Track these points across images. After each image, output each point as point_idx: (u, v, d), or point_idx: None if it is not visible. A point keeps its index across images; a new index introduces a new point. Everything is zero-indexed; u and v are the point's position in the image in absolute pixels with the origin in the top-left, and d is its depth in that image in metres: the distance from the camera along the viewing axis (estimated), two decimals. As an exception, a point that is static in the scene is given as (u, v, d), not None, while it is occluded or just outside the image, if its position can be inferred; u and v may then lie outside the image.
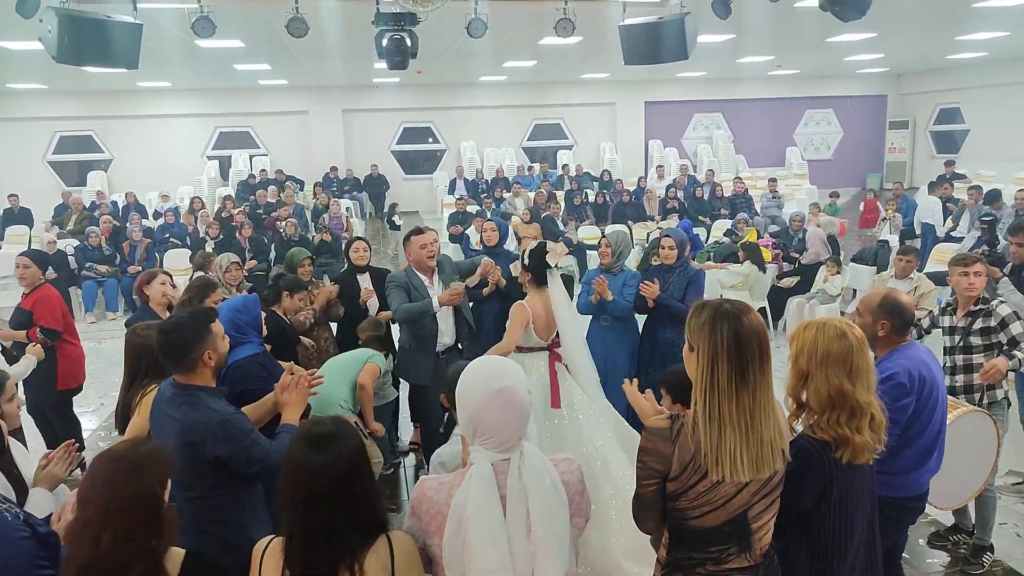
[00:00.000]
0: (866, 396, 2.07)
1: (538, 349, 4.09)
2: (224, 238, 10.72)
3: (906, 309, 2.82)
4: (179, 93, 17.20)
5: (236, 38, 10.10)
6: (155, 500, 1.68)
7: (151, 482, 1.69)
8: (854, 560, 2.17)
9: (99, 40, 5.52)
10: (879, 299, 2.87)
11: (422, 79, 16.34)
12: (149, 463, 1.72)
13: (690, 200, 13.77)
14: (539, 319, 4.03)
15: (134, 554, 1.63)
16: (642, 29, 6.80)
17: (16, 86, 15.44)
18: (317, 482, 1.68)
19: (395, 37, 6.95)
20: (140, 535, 1.64)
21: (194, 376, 2.52)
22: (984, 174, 14.98)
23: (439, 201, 16.75)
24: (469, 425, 1.80)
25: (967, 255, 3.96)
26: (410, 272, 4.56)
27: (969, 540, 4.02)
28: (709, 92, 19.71)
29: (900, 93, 21.07)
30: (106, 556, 1.61)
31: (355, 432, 1.81)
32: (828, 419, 2.07)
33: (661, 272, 4.86)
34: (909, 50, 15.18)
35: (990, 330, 3.77)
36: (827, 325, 2.13)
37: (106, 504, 1.63)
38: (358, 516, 1.71)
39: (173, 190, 15.84)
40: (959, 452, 2.80)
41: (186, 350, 2.48)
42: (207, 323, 2.55)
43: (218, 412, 2.47)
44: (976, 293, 3.82)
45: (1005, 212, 9.13)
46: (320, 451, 1.71)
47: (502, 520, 1.72)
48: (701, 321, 1.90)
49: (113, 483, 1.65)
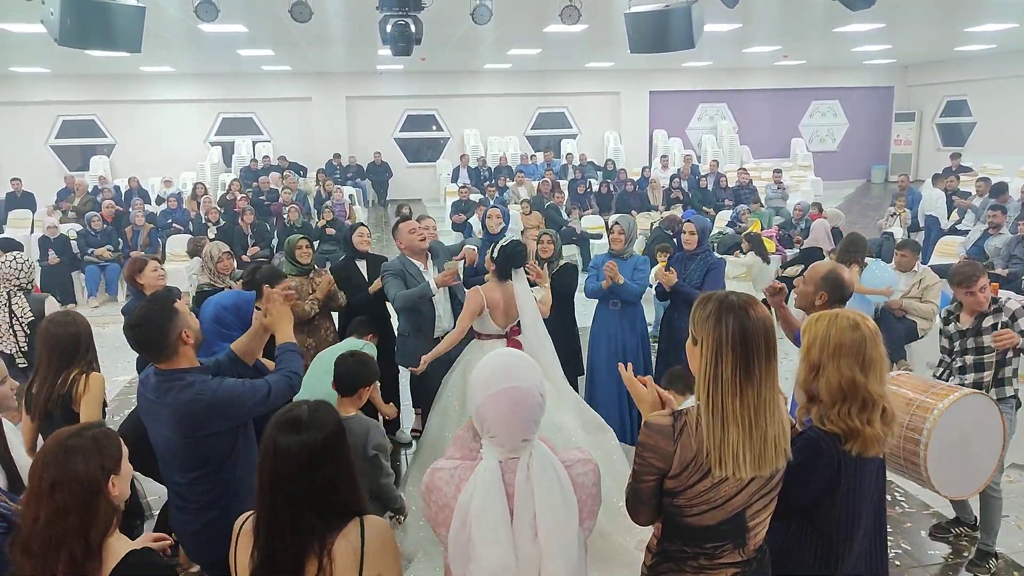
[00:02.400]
0: (878, 388, 2.04)
1: (496, 336, 4.18)
2: (227, 224, 10.70)
3: (846, 285, 3.10)
4: (182, 78, 17.15)
5: (239, 23, 10.04)
6: (90, 484, 1.69)
7: (87, 467, 1.69)
8: (859, 553, 2.16)
9: (102, 23, 5.48)
10: (824, 271, 3.14)
11: (426, 66, 16.26)
12: (89, 448, 1.72)
13: (694, 190, 13.73)
14: (496, 307, 4.12)
15: (65, 534, 1.65)
16: (649, 17, 6.73)
17: (19, 69, 15.39)
18: (282, 466, 1.70)
19: (399, 23, 6.89)
20: (71, 517, 1.66)
21: (176, 359, 2.48)
22: (990, 167, 14.91)
23: (442, 189, 16.72)
24: (477, 419, 1.77)
25: (964, 273, 3.70)
26: (404, 259, 4.55)
27: (972, 533, 4.01)
28: (714, 82, 19.61)
29: (907, 85, 20.94)
30: (40, 531, 1.65)
31: (331, 419, 1.80)
32: (839, 411, 2.04)
33: (682, 259, 4.87)
34: (917, 41, 15.08)
35: (1005, 327, 3.63)
36: (839, 316, 2.10)
37: (41, 482, 1.68)
38: (325, 501, 1.72)
39: (176, 176, 15.81)
40: (963, 437, 2.77)
41: (162, 336, 2.44)
42: (171, 304, 2.51)
43: (207, 389, 2.45)
44: (986, 306, 3.68)
45: (1011, 205, 9.09)
46: (289, 434, 1.73)
47: (507, 520, 1.68)
48: (706, 313, 1.84)
49: (51, 462, 1.69)
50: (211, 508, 2.52)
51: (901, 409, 2.81)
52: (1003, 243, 7.85)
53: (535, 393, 1.75)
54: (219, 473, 2.52)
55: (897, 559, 3.84)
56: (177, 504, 2.61)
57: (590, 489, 1.79)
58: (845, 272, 3.15)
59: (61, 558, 1.65)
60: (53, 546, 1.65)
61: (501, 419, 1.71)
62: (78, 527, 1.67)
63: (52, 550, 1.65)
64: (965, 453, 2.82)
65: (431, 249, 4.61)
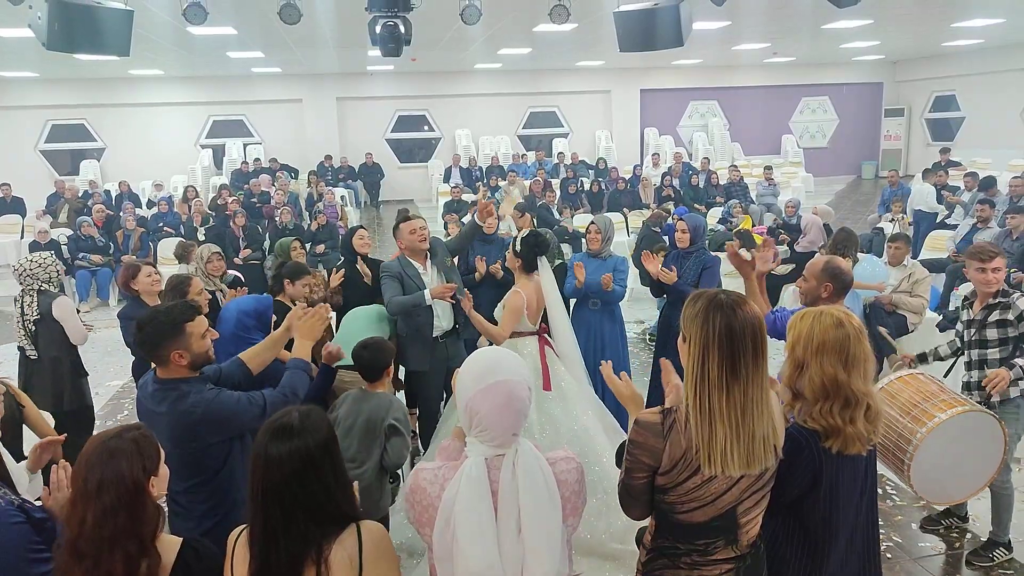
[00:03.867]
0: (862, 385, 2.05)
1: (528, 334, 4.16)
2: (217, 226, 10.67)
3: (846, 273, 3.15)
4: (172, 81, 17.08)
5: (229, 25, 10.00)
6: (134, 484, 1.71)
7: (129, 467, 1.71)
8: (847, 550, 2.16)
9: (90, 27, 5.47)
10: (822, 264, 3.18)
11: (417, 67, 16.25)
12: (130, 450, 1.74)
13: (685, 188, 13.76)
14: (531, 304, 4.12)
15: (116, 534, 1.67)
16: (637, 16, 6.76)
17: (7, 74, 15.31)
18: (273, 474, 1.69)
19: (388, 23, 6.90)
20: (120, 517, 1.67)
21: (170, 370, 2.50)
22: (979, 161, 14.99)
23: (434, 189, 16.72)
24: (465, 416, 1.78)
25: (985, 248, 3.66)
26: (403, 261, 4.53)
27: (962, 525, 4.04)
28: (705, 79, 19.66)
29: (896, 80, 21.04)
30: (90, 533, 1.66)
31: (322, 425, 1.80)
32: (820, 408, 2.05)
33: (677, 257, 4.88)
34: (905, 37, 15.15)
35: (1007, 323, 3.56)
36: (824, 314, 2.11)
37: (87, 484, 1.69)
38: (318, 508, 1.71)
39: (167, 179, 15.76)
40: (955, 450, 2.79)
41: (155, 347, 2.47)
42: (182, 322, 2.50)
43: (201, 401, 2.46)
44: (994, 289, 3.61)
45: (1000, 199, 9.15)
46: (279, 442, 1.72)
47: (492, 517, 1.68)
48: (695, 311, 1.85)
49: (95, 464, 1.71)
50: (208, 516, 2.53)
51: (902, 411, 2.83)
52: (991, 237, 7.89)
53: (524, 387, 1.77)
54: (215, 481, 2.53)
55: (888, 552, 3.87)
56: (175, 511, 2.62)
57: (573, 486, 1.80)
58: (842, 261, 3.19)
59: (116, 557, 1.66)
60: (106, 546, 1.66)
61: (492, 412, 1.72)
62: (129, 526, 1.68)
63: (105, 550, 1.66)
64: (954, 466, 2.82)
65: (430, 248, 4.63)
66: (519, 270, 4.22)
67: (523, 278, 4.20)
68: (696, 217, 5.11)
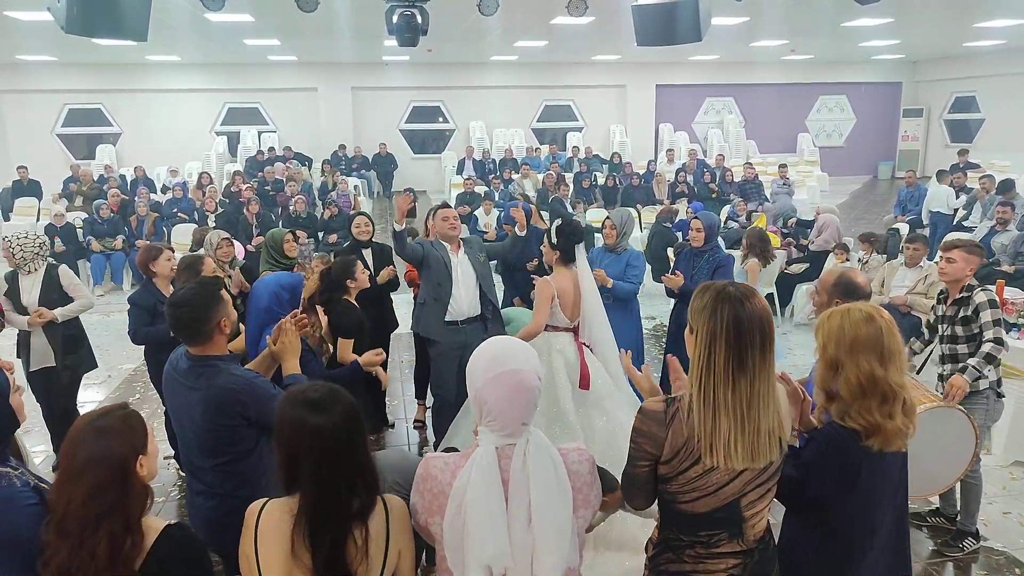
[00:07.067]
0: (899, 378, 2.01)
1: (563, 329, 3.96)
2: (229, 213, 10.71)
3: (860, 287, 3.01)
4: (188, 68, 17.15)
5: (246, 12, 10.03)
6: (121, 462, 1.72)
7: (117, 446, 1.72)
8: (880, 552, 2.13)
9: (108, 11, 5.47)
10: (834, 278, 3.08)
11: (432, 58, 16.23)
12: (119, 428, 1.75)
13: (699, 185, 13.69)
14: (566, 296, 3.90)
15: (101, 512, 1.67)
16: (656, 9, 6.71)
17: (25, 58, 15.40)
18: (326, 444, 1.70)
19: (406, 13, 6.89)
20: (108, 494, 1.68)
21: (210, 346, 2.52)
22: (998, 163, 14.83)
23: (447, 181, 16.71)
24: (475, 404, 1.78)
25: (952, 240, 3.82)
26: (436, 242, 4.71)
27: (947, 525, 4.03)
28: (721, 76, 19.53)
29: (915, 80, 20.83)
30: (77, 510, 1.67)
31: (347, 395, 1.81)
32: (859, 407, 2.00)
33: (689, 255, 4.82)
34: (926, 36, 14.99)
35: (969, 319, 3.66)
36: (852, 311, 2.06)
37: (74, 462, 1.71)
38: (361, 478, 1.74)
39: (182, 165, 15.83)
40: (924, 445, 2.77)
41: (203, 321, 2.49)
42: (217, 291, 2.56)
43: (242, 376, 2.50)
44: (947, 278, 3.74)
45: (1019, 202, 9.03)
46: (321, 413, 1.72)
47: (502, 507, 1.68)
48: (702, 303, 1.82)
49: (82, 442, 1.72)
50: (231, 496, 2.52)
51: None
52: (1010, 240, 7.81)
53: (534, 376, 1.76)
54: (245, 462, 2.54)
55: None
56: (196, 488, 2.63)
57: (585, 477, 1.80)
58: (858, 275, 3.09)
59: (100, 535, 1.66)
60: (92, 524, 1.66)
61: (500, 401, 1.72)
62: (116, 504, 1.69)
63: (90, 528, 1.66)
64: (926, 461, 2.80)
65: (466, 240, 4.74)
66: (557, 262, 4.01)
67: (561, 270, 3.99)
68: (711, 215, 5.07)
